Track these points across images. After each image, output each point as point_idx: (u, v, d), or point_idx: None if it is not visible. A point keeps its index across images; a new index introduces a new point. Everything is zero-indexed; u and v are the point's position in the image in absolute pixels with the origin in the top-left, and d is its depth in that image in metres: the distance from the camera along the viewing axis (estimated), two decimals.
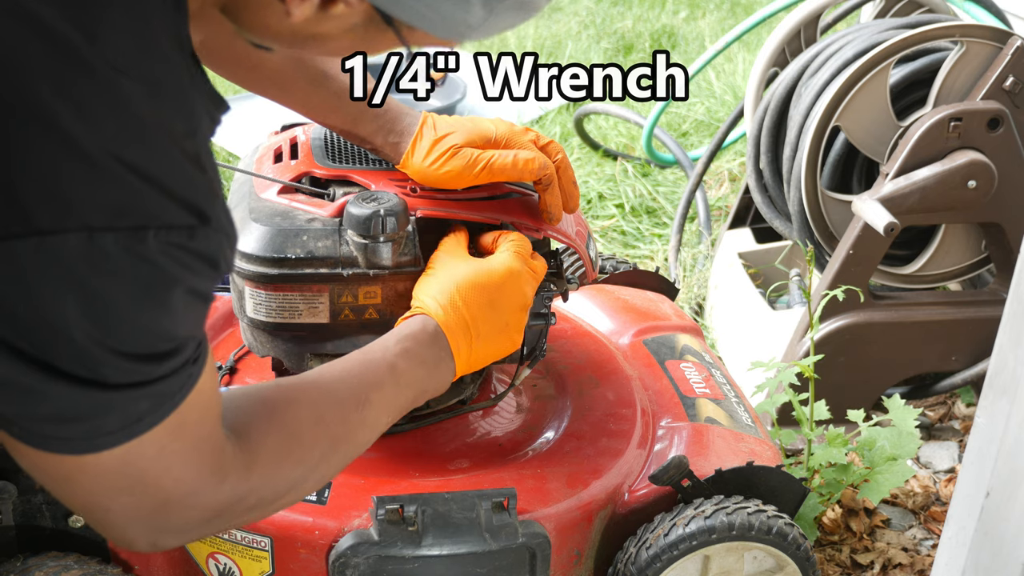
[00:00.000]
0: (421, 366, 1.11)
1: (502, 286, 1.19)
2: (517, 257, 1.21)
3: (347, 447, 1.03)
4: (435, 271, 1.20)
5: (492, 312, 1.17)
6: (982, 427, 0.98)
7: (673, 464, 1.33)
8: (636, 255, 2.72)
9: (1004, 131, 1.90)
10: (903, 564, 1.75)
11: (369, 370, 1.06)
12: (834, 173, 2.05)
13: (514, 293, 1.20)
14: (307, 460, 0.98)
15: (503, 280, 1.19)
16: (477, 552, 1.24)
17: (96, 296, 0.72)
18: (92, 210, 0.71)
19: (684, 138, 3.36)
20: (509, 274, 1.20)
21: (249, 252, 1.21)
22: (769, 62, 2.29)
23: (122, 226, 0.72)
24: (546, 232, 1.32)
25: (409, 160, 1.27)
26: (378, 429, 1.06)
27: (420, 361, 1.11)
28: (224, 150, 3.23)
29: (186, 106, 0.78)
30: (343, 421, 1.02)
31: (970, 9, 2.18)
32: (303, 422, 0.98)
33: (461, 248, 1.24)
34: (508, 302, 1.19)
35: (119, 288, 0.73)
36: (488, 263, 1.20)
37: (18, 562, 1.22)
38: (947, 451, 2.04)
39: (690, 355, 1.66)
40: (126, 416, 0.78)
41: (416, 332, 1.12)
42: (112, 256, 0.71)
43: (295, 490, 0.98)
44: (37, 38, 0.68)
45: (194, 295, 0.79)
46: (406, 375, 1.09)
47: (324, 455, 0.99)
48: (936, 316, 2.03)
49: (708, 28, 4.49)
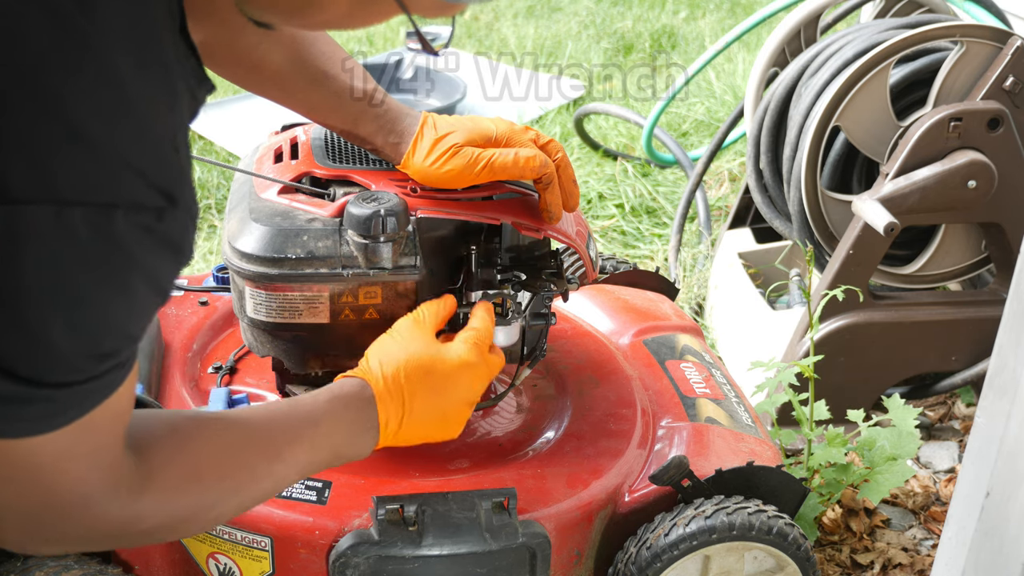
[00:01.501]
0: (345, 430, 1.08)
1: (450, 376, 1.16)
2: (475, 350, 1.18)
3: (247, 494, 1.00)
4: (393, 336, 1.17)
5: (433, 397, 1.14)
6: (982, 427, 0.98)
7: (673, 464, 1.33)
8: (636, 255, 2.72)
9: (1004, 131, 1.90)
10: (903, 564, 1.75)
11: (291, 422, 1.04)
12: (834, 173, 2.05)
13: (461, 387, 1.17)
14: (204, 498, 0.95)
15: (453, 371, 1.16)
16: (477, 552, 1.24)
17: (55, 275, 0.70)
18: (66, 183, 0.69)
19: (684, 138, 3.36)
20: (462, 366, 1.16)
21: (249, 252, 1.21)
22: (769, 62, 2.29)
23: (92, 202, 0.70)
24: (546, 232, 1.32)
25: (410, 160, 1.27)
26: (284, 483, 1.03)
27: (346, 425, 1.08)
28: (224, 150, 3.23)
29: (169, 81, 0.76)
30: (250, 468, 0.99)
31: (970, 9, 2.18)
32: (208, 459, 0.95)
33: (430, 322, 1.20)
34: (453, 394, 1.16)
35: (80, 268, 0.71)
36: (444, 350, 1.17)
37: (18, 562, 1.22)
38: (947, 451, 2.04)
39: (690, 355, 1.66)
40: (45, 411, 0.76)
41: (350, 394, 1.09)
42: (78, 233, 0.69)
43: (186, 524, 0.96)
44: (36, 5, 0.67)
45: (153, 286, 0.77)
46: (327, 437, 1.05)
47: (222, 497, 0.97)
48: (936, 316, 2.03)
49: (708, 28, 4.49)
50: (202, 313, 1.59)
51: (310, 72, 1.24)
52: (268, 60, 1.21)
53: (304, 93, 1.25)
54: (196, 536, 1.29)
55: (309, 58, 1.24)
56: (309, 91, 1.25)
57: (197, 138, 3.33)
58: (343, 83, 1.25)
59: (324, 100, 1.26)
